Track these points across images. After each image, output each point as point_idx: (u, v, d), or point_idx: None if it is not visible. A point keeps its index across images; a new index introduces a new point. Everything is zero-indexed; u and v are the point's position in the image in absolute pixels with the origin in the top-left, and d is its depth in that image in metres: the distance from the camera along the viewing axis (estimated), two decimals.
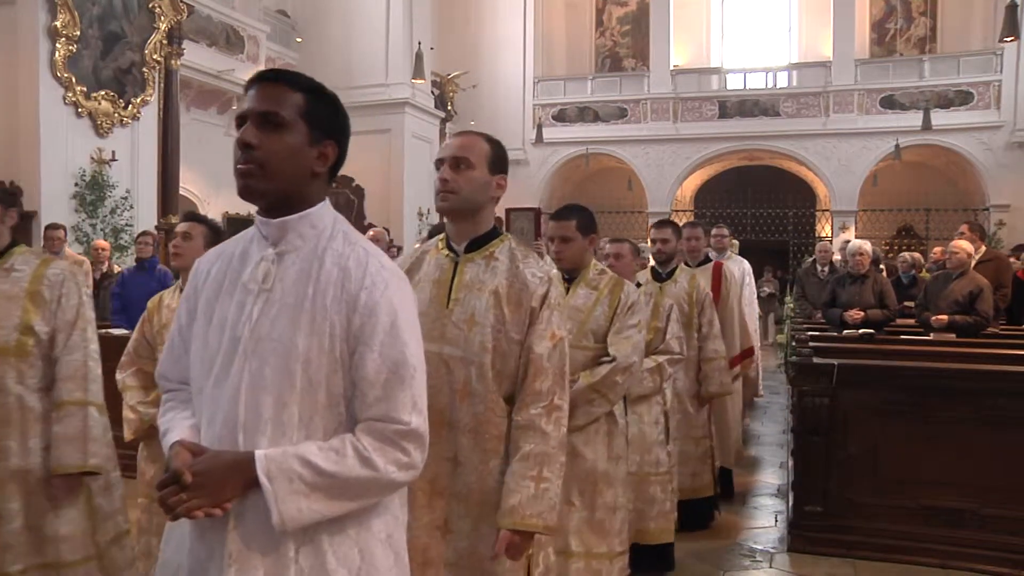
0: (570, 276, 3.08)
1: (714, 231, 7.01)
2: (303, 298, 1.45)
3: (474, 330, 2.07)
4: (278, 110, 1.45)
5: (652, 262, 4.72)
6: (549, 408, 2.04)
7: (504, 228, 3.15)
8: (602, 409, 2.86)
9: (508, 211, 7.58)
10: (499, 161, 2.18)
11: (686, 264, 5.17)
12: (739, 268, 6.85)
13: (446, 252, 2.20)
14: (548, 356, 2.06)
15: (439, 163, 2.14)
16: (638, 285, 3.74)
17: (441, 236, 2.26)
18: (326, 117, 1.51)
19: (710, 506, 4.72)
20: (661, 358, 3.71)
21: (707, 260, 5.47)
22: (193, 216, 3.56)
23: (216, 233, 3.31)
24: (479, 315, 2.07)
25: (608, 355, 2.91)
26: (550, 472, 2.02)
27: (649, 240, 4.47)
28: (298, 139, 1.47)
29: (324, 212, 1.54)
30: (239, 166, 1.45)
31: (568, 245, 3.01)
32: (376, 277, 1.47)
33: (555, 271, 2.21)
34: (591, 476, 2.86)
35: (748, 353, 5.48)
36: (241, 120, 1.48)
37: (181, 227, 3.32)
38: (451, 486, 2.08)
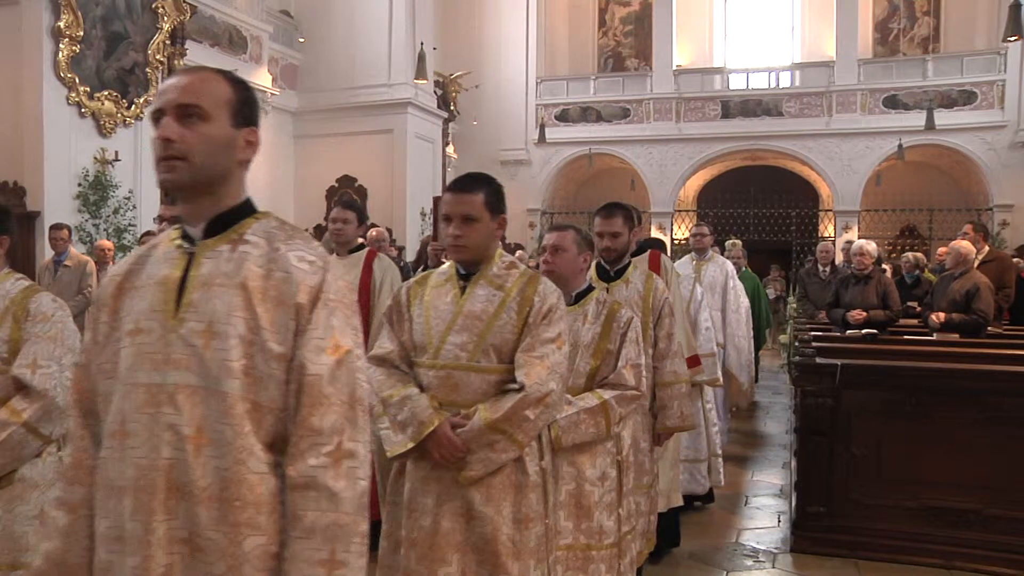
0: (468, 271, 2.31)
1: (694, 229, 6.64)
2: None
3: (212, 344, 1.40)
4: None
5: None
6: (337, 455, 1.39)
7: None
8: (507, 455, 2.15)
9: None
10: (246, 108, 1.51)
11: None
12: (721, 270, 6.33)
13: (179, 241, 1.51)
14: (330, 377, 1.41)
15: (157, 115, 1.47)
16: (607, 290, 3.01)
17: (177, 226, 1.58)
18: None
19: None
20: (607, 394, 2.68)
21: (641, 250, 4.23)
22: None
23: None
24: (220, 322, 1.40)
25: (515, 381, 2.17)
26: (347, 552, 1.37)
27: (595, 233, 3.44)
28: None
29: None
30: None
31: (471, 228, 2.24)
32: None
33: (331, 255, 1.51)
34: (491, 545, 2.15)
35: (691, 363, 4.21)
36: None
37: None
38: None
